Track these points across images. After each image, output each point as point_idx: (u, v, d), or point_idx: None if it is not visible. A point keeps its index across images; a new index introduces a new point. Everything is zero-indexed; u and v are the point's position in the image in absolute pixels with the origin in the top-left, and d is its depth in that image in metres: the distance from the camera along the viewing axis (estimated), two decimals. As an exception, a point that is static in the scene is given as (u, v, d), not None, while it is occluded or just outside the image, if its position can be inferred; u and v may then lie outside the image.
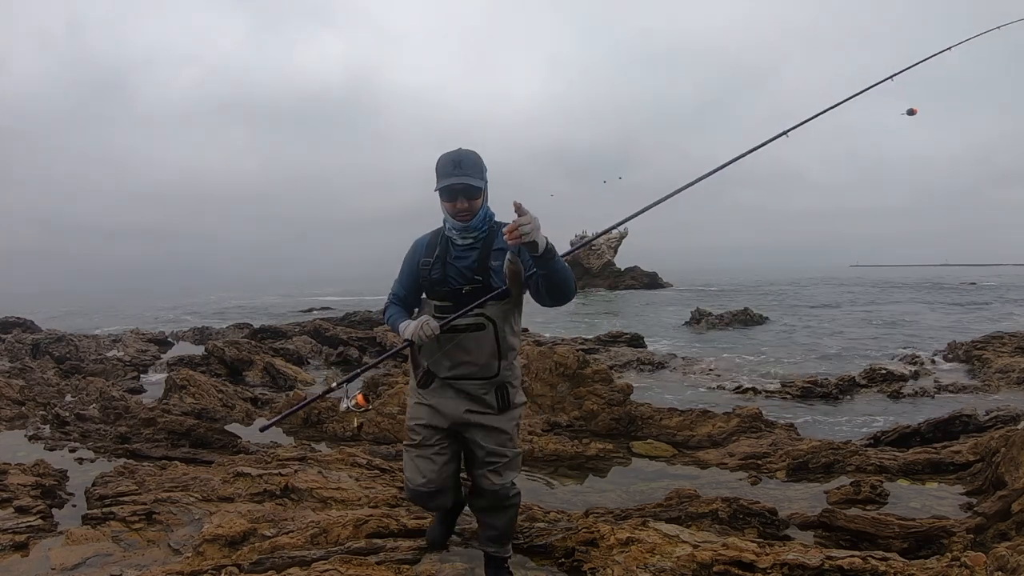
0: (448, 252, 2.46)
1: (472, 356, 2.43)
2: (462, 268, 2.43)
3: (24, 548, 3.31)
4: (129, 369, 12.00)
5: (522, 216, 2.00)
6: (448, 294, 2.43)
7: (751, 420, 5.87)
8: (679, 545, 2.81)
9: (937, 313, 25.33)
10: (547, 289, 2.22)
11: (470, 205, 2.36)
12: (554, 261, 2.14)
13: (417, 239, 2.59)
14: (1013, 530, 3.21)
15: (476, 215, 2.39)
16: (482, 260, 2.41)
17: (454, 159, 2.32)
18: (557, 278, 2.19)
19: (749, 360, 12.70)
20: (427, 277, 2.48)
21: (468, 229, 2.41)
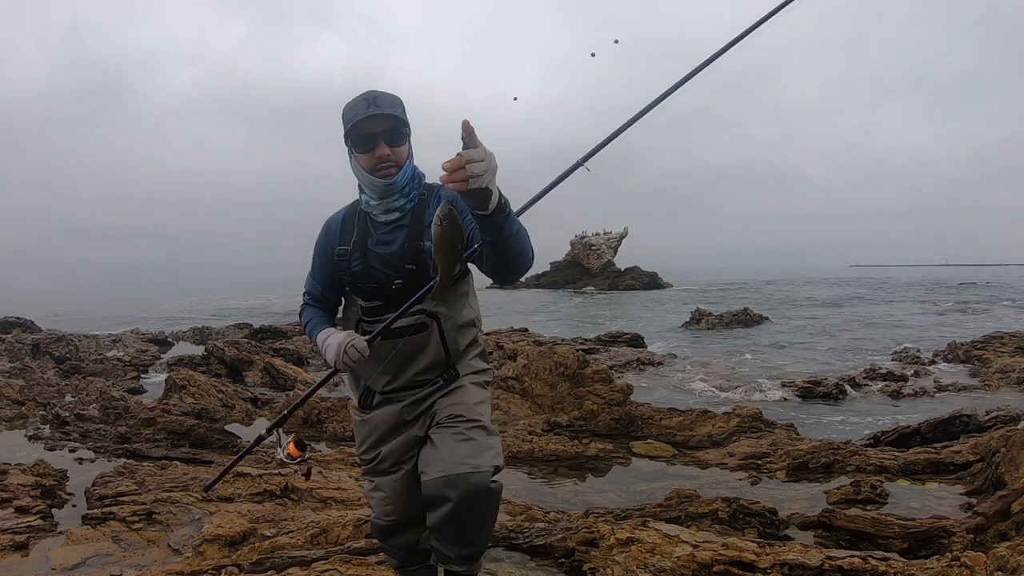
0: (368, 235, 1.89)
1: (415, 364, 1.93)
2: (387, 256, 1.85)
3: (24, 548, 3.31)
4: (129, 369, 12.01)
5: (472, 148, 1.32)
6: (375, 291, 1.88)
7: (751, 420, 5.87)
8: (679, 545, 2.81)
9: (936, 314, 25.32)
10: (499, 261, 1.59)
11: (393, 152, 1.78)
12: (508, 222, 1.49)
13: (328, 219, 2.01)
14: (1013, 530, 3.20)
15: (403, 168, 1.81)
16: (412, 241, 1.83)
17: (367, 98, 1.77)
18: (512, 245, 1.54)
19: (749, 360, 12.70)
20: (346, 270, 1.91)
21: (392, 190, 1.81)
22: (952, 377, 10.01)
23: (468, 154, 1.31)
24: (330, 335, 1.89)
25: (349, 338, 1.82)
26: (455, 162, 1.31)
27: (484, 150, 1.32)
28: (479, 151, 1.31)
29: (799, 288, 50.67)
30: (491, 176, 1.34)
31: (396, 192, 1.83)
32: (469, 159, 1.30)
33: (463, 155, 1.30)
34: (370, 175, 1.81)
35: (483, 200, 1.38)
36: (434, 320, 1.90)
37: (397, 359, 1.91)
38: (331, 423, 6.57)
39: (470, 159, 1.30)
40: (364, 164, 1.81)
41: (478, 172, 1.31)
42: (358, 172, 1.85)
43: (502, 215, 1.46)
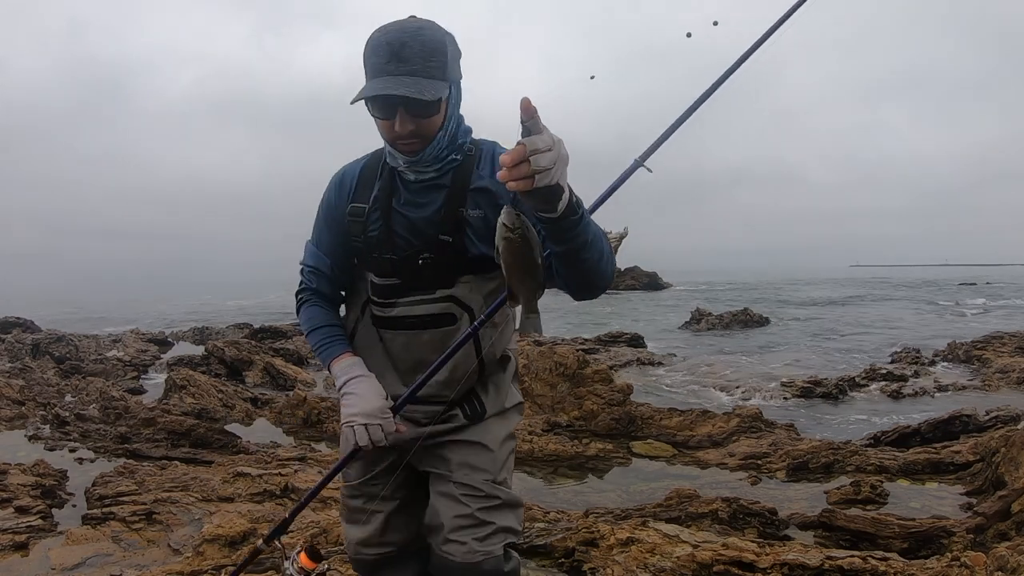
0: (394, 192, 1.46)
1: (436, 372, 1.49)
2: (417, 221, 1.44)
3: (24, 548, 3.31)
4: (129, 369, 12.00)
5: (535, 134, 1.01)
6: (393, 265, 1.45)
7: (751, 420, 5.87)
8: (679, 545, 2.81)
9: (936, 314, 25.32)
10: (575, 276, 1.27)
11: (418, 127, 1.33)
12: (583, 226, 1.16)
13: (342, 169, 1.55)
14: (1013, 530, 3.21)
15: (432, 141, 1.36)
16: (451, 205, 1.41)
17: (390, 42, 1.27)
18: (590, 254, 1.21)
19: (749, 360, 12.70)
20: (361, 236, 1.47)
21: (419, 163, 1.39)
22: (952, 377, 10.00)
23: (532, 142, 0.99)
24: (356, 384, 1.45)
25: (380, 413, 1.42)
26: (517, 153, 0.99)
27: (551, 136, 1.01)
28: (545, 137, 1.00)
29: (799, 288, 50.68)
30: (561, 169, 1.04)
31: (425, 164, 1.40)
32: (534, 148, 0.99)
33: (525, 143, 0.99)
34: (391, 144, 1.39)
35: (551, 199, 1.07)
36: (466, 312, 1.45)
37: (410, 360, 1.51)
38: (331, 423, 6.57)
39: (535, 148, 0.99)
40: (383, 132, 1.37)
41: (545, 165, 1.00)
42: (379, 134, 1.41)
43: (575, 217, 1.13)
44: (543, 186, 1.02)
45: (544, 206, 1.09)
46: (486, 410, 1.57)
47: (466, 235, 1.42)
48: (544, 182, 1.01)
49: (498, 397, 1.60)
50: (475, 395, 1.57)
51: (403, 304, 1.47)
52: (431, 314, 1.46)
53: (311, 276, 1.57)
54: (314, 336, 1.55)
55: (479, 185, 1.42)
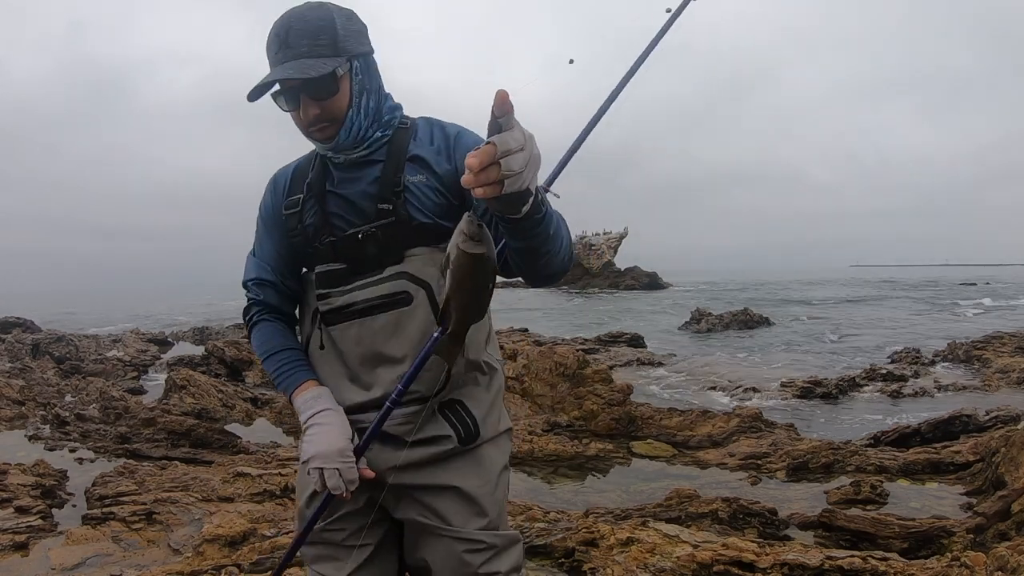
0: (327, 177, 1.34)
1: (393, 365, 1.29)
2: (352, 196, 1.31)
3: (24, 548, 3.31)
4: (129, 369, 12.01)
5: (506, 130, 0.89)
6: (335, 248, 1.31)
7: (751, 420, 5.87)
8: (679, 545, 2.81)
9: (936, 314, 25.32)
10: (531, 267, 1.18)
11: (323, 109, 1.24)
12: (545, 223, 1.07)
13: (276, 173, 1.45)
14: (1013, 530, 3.21)
15: (346, 124, 1.26)
16: (389, 173, 1.29)
17: (277, 33, 1.22)
18: (551, 248, 1.13)
19: (749, 360, 12.71)
20: (298, 229, 1.35)
21: (339, 148, 1.29)
22: (952, 377, 10.01)
23: (503, 141, 0.86)
24: (320, 417, 1.27)
25: (340, 456, 1.23)
26: (485, 154, 0.86)
27: (522, 132, 0.88)
28: (516, 135, 0.87)
29: (799, 288, 50.69)
30: (533, 172, 0.92)
31: (348, 148, 1.29)
32: (506, 149, 0.86)
33: (496, 143, 0.86)
34: (306, 135, 1.30)
35: (518, 203, 0.96)
36: (422, 288, 1.27)
37: (363, 354, 1.31)
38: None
39: (507, 149, 0.86)
40: (297, 123, 1.29)
41: (517, 168, 0.88)
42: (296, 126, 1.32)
43: (538, 216, 1.03)
44: (513, 192, 0.90)
45: (508, 209, 0.98)
46: (480, 431, 1.34)
47: (408, 202, 1.28)
48: (515, 187, 0.89)
49: (491, 415, 1.38)
50: (464, 408, 1.33)
51: (350, 290, 1.30)
52: (382, 295, 1.28)
53: (256, 289, 1.41)
54: (271, 363, 1.37)
55: (416, 153, 1.31)
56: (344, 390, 1.33)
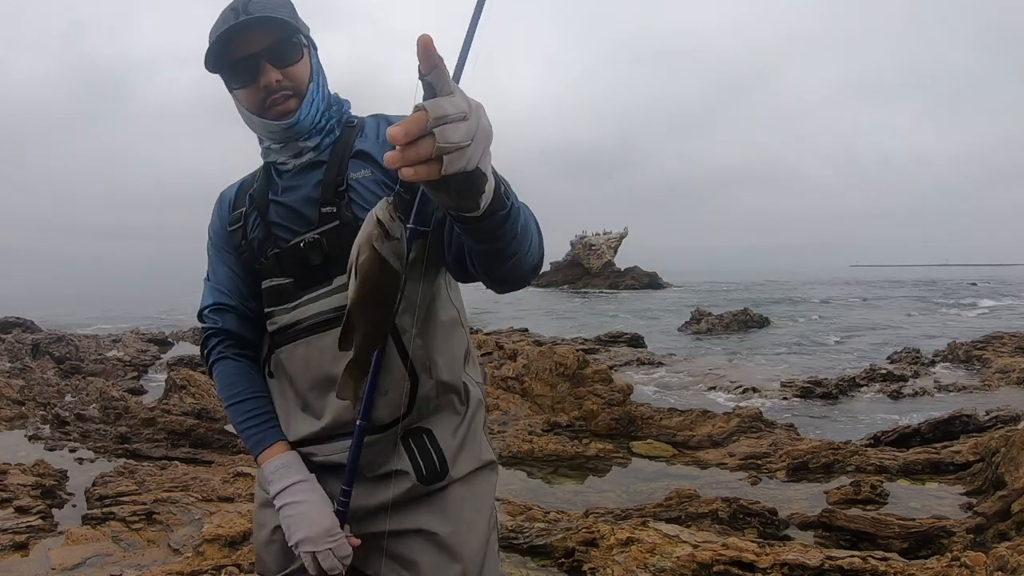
0: (271, 186, 1.24)
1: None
2: (294, 203, 1.19)
3: (24, 548, 3.31)
4: (129, 369, 12.01)
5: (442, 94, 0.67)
6: (281, 261, 1.19)
7: (751, 420, 5.87)
8: (679, 545, 2.81)
9: (935, 313, 25.33)
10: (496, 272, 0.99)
11: (286, 75, 1.13)
12: (510, 221, 0.87)
13: (221, 192, 1.35)
14: (1013, 530, 3.21)
15: (307, 98, 1.16)
16: (331, 175, 1.17)
17: (234, 7, 1.12)
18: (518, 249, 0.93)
19: (749, 360, 12.71)
20: (243, 245, 1.24)
21: (297, 132, 1.17)
22: (952, 377, 10.01)
23: (437, 106, 0.65)
24: (294, 493, 1.14)
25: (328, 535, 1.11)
26: (413, 123, 0.64)
27: (465, 99, 0.68)
28: (457, 101, 0.66)
29: (799, 288, 50.69)
30: (482, 147, 0.69)
31: (305, 132, 1.18)
32: (440, 115, 0.65)
33: (427, 108, 0.64)
34: (260, 117, 1.16)
35: (471, 191, 0.74)
36: None
37: (312, 378, 1.18)
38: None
39: (441, 114, 0.65)
40: (249, 103, 1.16)
41: (458, 140, 0.66)
42: (246, 117, 1.20)
43: (503, 212, 0.83)
44: (456, 173, 0.68)
45: (461, 202, 0.75)
46: (448, 468, 1.18)
47: (352, 202, 1.15)
48: (457, 166, 0.67)
49: (467, 448, 1.22)
50: (431, 439, 1.19)
51: (296, 306, 1.18)
52: (331, 308, 1.15)
53: (214, 316, 1.27)
54: (235, 413, 1.23)
55: (360, 148, 1.19)
56: (295, 420, 1.20)
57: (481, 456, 1.25)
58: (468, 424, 1.23)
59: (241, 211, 1.26)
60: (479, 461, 1.24)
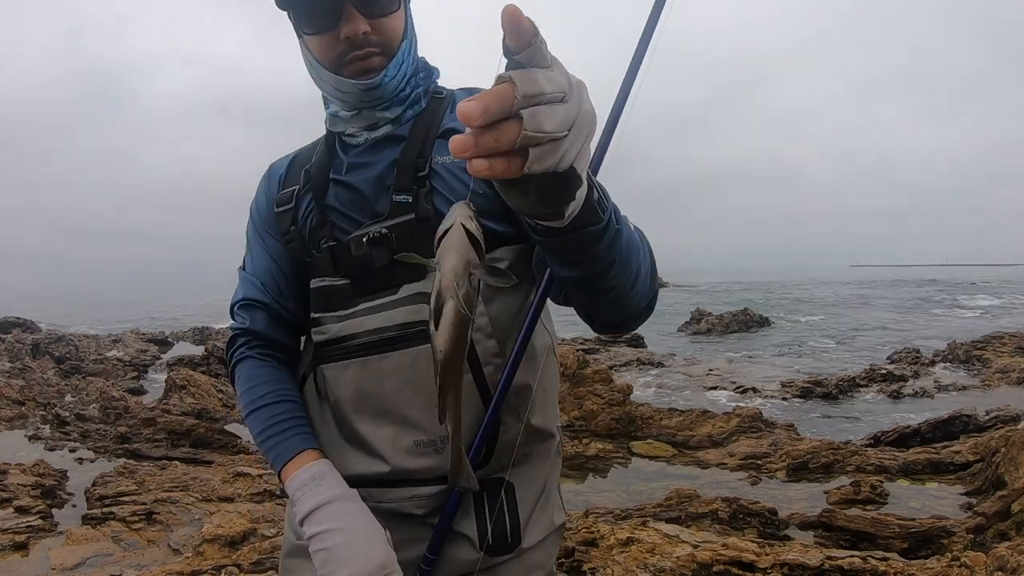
0: (332, 162, 1.00)
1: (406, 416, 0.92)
2: (363, 184, 0.96)
3: (24, 548, 3.32)
4: (129, 369, 12.01)
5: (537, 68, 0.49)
6: (336, 257, 0.96)
7: (751, 420, 5.87)
8: (679, 545, 2.81)
9: (935, 313, 25.34)
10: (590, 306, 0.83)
11: (375, 28, 0.91)
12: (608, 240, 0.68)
13: (271, 165, 1.10)
14: (1013, 530, 3.21)
15: (397, 58, 0.94)
16: (411, 154, 0.94)
17: None
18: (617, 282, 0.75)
19: (749, 360, 12.71)
20: (292, 232, 1.01)
21: (378, 96, 0.94)
22: (952, 377, 10.01)
23: (528, 79, 0.49)
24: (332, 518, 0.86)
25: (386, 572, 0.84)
26: (497, 97, 0.48)
27: (565, 74, 0.52)
28: (555, 76, 0.50)
29: (799, 288, 50.68)
30: (580, 141, 0.53)
31: (385, 99, 0.95)
32: (532, 91, 0.48)
33: (515, 80, 0.48)
34: (335, 73, 0.93)
35: (557, 197, 0.57)
36: None
37: (364, 409, 0.94)
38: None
39: (535, 91, 0.49)
40: (323, 54, 0.93)
41: (551, 128, 0.50)
42: (314, 71, 0.97)
43: (596, 227, 0.65)
44: (544, 172, 0.52)
45: (539, 208, 0.57)
46: (520, 533, 0.95)
47: (434, 191, 0.92)
48: (547, 163, 0.51)
49: (546, 510, 1.01)
50: (511, 497, 0.96)
51: (350, 315, 0.94)
52: (395, 324, 0.90)
53: (243, 314, 1.04)
54: (256, 421, 0.96)
55: (450, 126, 0.96)
56: (339, 455, 0.96)
57: (554, 519, 1.03)
58: (547, 475, 1.02)
59: (293, 189, 1.02)
60: (551, 526, 1.02)
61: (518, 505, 0.96)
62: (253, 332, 1.03)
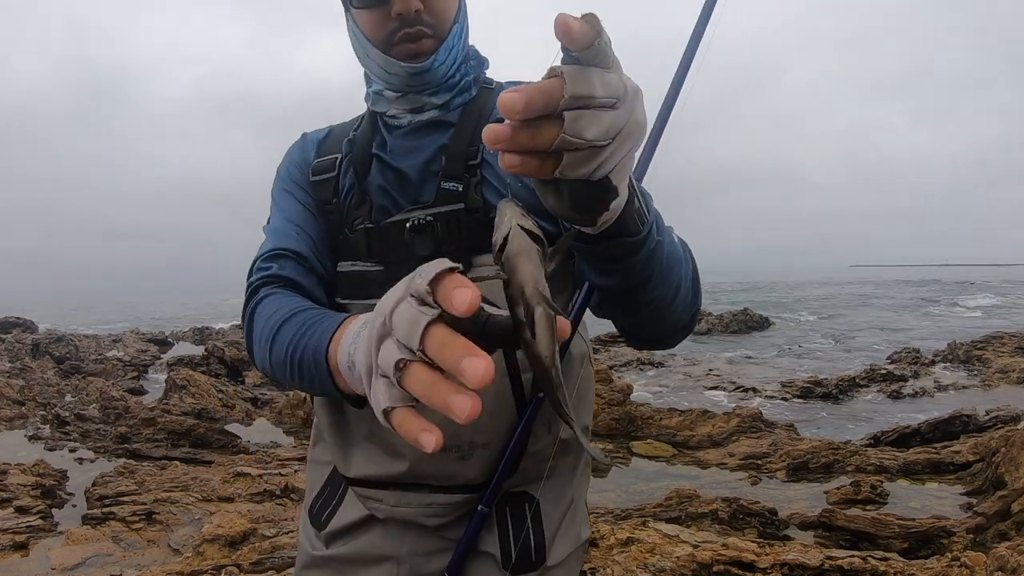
0: (375, 137, 0.95)
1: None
2: (409, 168, 0.91)
3: (24, 548, 3.32)
4: (129, 369, 12.01)
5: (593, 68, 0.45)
6: (371, 240, 0.89)
7: (751, 420, 5.87)
8: (679, 545, 2.81)
9: (935, 313, 25.34)
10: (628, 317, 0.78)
11: (429, 6, 0.87)
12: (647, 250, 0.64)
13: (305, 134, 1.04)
14: (1013, 530, 3.21)
15: (448, 41, 0.90)
16: (461, 142, 0.90)
17: None
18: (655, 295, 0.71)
19: (749, 360, 12.71)
20: (332, 204, 0.94)
21: (427, 81, 0.91)
22: (952, 377, 10.01)
23: (580, 77, 0.45)
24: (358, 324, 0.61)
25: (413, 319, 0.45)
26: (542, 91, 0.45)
27: (622, 78, 0.48)
28: (610, 78, 0.47)
29: (799, 288, 50.69)
30: (621, 153, 0.50)
31: (434, 84, 0.92)
32: (582, 91, 0.45)
33: (567, 76, 0.45)
34: (383, 52, 0.89)
35: (593, 204, 0.55)
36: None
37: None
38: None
39: (585, 91, 0.45)
40: (371, 30, 0.89)
41: (592, 136, 0.47)
42: (361, 47, 0.92)
43: (635, 238, 0.62)
44: (578, 179, 0.50)
45: (570, 213, 0.55)
46: (545, 551, 0.91)
47: (484, 182, 0.87)
48: (579, 172, 0.49)
49: (572, 526, 0.97)
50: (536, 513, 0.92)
51: None
52: None
53: (266, 264, 0.90)
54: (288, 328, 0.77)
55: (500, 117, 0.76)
56: (357, 451, 0.90)
57: (580, 535, 0.98)
58: (575, 490, 0.98)
59: (335, 157, 0.95)
60: (577, 541, 0.97)
61: (543, 520, 0.92)
62: (281, 278, 0.88)
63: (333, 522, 0.94)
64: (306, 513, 0.98)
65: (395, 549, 0.90)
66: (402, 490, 0.89)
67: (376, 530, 0.91)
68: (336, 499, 0.96)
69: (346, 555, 0.92)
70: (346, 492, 0.95)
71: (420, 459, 0.87)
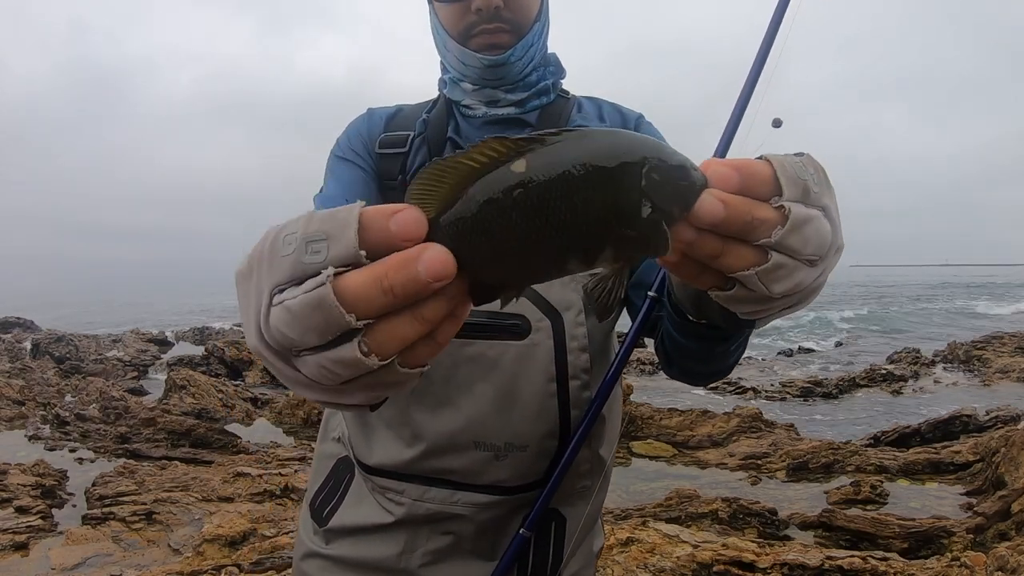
0: (449, 121, 0.95)
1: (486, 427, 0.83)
2: None
3: (24, 548, 3.31)
4: (129, 369, 12.01)
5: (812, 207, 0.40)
6: None
7: (751, 420, 5.87)
8: (679, 545, 2.81)
9: (935, 313, 25.34)
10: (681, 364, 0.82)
11: (510, 3, 0.87)
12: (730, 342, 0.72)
13: (371, 108, 1.01)
14: (1013, 530, 3.21)
15: (527, 38, 0.90)
16: None
17: None
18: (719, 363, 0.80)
19: (749, 360, 12.71)
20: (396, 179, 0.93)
21: (503, 75, 0.90)
22: (952, 377, 10.01)
23: (802, 221, 0.39)
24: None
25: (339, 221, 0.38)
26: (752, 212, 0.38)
27: (832, 230, 0.42)
28: (824, 227, 0.41)
29: (799, 288, 50.58)
30: (782, 309, 0.46)
31: (510, 80, 0.91)
32: (794, 242, 0.40)
33: (791, 218, 0.39)
34: (460, 44, 0.90)
35: (723, 323, 0.55)
36: (547, 319, 0.83)
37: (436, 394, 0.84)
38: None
39: (797, 243, 0.40)
40: (451, 22, 0.90)
41: (780, 290, 0.42)
42: (439, 39, 0.94)
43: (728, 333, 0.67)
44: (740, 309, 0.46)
45: (697, 316, 0.59)
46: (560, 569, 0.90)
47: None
48: (736, 308, 0.46)
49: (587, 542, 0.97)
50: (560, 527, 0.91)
51: None
52: (486, 311, 0.80)
53: None
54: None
55: (581, 125, 0.91)
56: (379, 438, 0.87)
57: (593, 548, 0.98)
58: (595, 508, 0.96)
59: (408, 134, 0.93)
60: (590, 555, 0.97)
61: (565, 537, 0.91)
62: None
63: (335, 519, 0.92)
64: (307, 506, 0.97)
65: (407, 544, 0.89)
66: (426, 484, 0.86)
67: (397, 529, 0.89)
68: (339, 495, 0.94)
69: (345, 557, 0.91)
70: (349, 486, 0.93)
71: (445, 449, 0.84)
